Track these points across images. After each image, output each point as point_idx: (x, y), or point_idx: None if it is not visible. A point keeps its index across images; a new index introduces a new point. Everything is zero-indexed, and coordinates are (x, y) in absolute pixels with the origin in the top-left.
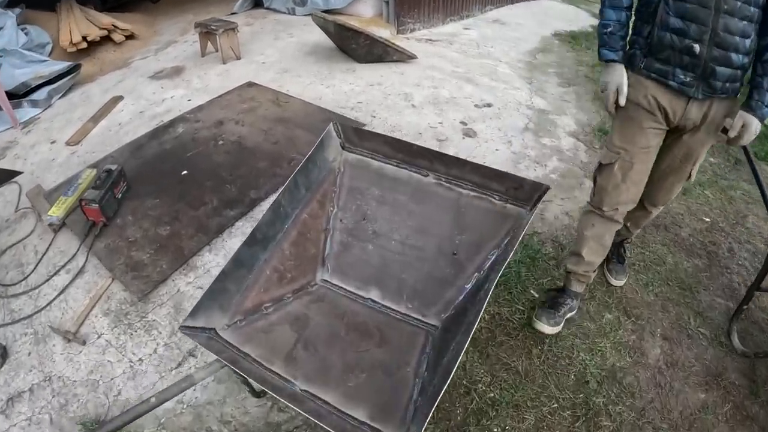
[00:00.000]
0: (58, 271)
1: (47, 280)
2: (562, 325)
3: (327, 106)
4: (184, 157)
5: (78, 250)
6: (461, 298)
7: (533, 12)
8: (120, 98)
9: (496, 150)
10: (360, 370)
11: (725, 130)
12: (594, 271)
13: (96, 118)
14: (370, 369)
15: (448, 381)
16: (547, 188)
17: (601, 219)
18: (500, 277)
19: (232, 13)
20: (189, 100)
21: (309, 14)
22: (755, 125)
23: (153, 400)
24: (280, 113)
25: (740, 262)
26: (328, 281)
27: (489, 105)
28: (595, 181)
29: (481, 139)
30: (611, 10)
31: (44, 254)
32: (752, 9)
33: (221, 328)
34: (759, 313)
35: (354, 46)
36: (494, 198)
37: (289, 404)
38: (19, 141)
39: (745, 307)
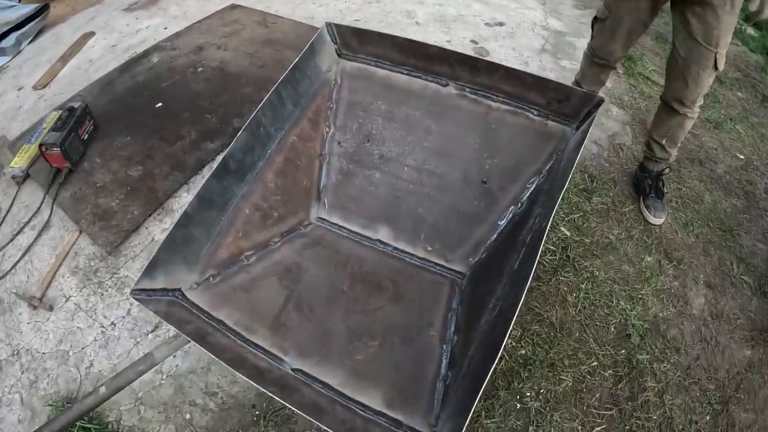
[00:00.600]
0: (23, 228)
1: (11, 240)
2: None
3: (320, 26)
4: (159, 89)
5: (42, 202)
6: (494, 237)
7: None
8: (91, 34)
9: None
10: (370, 336)
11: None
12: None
13: (65, 58)
14: (383, 334)
15: (495, 361)
16: (602, 100)
17: (597, 65)
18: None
19: None
20: (165, 28)
21: None
22: None
23: (103, 390)
24: (268, 35)
25: None
26: (325, 219)
27: (501, 24)
28: (592, 28)
29: (495, 58)
30: None
31: (8, 211)
32: None
33: (188, 287)
34: None
35: None
36: (533, 112)
37: (276, 397)
38: None
39: None
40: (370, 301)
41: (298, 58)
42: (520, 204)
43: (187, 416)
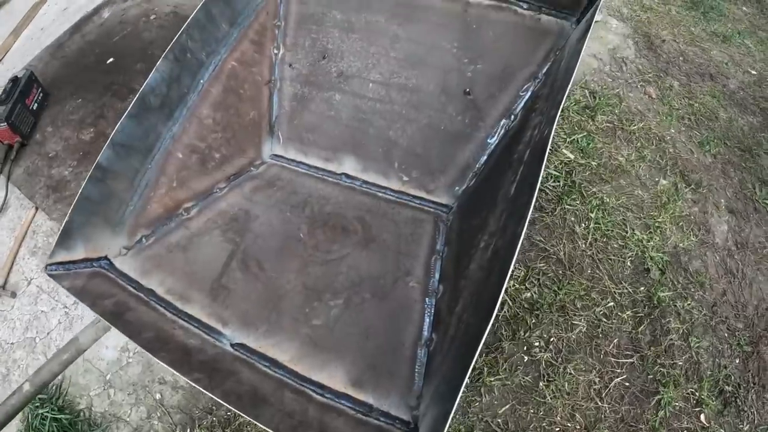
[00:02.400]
0: None
1: None
2: None
3: None
4: (110, 44)
5: None
6: (484, 159)
7: None
8: (43, 2)
9: None
10: (332, 293)
11: None
12: None
13: (17, 31)
14: (349, 289)
15: (492, 318)
16: None
17: None
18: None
19: None
20: None
21: None
22: None
23: (27, 387)
24: None
25: None
26: (280, 156)
27: None
28: None
29: None
30: None
31: None
32: None
33: (117, 254)
34: None
35: None
36: (521, 6)
37: (198, 387)
38: None
39: None
40: (333, 248)
41: None
42: (513, 116)
43: (158, 396)
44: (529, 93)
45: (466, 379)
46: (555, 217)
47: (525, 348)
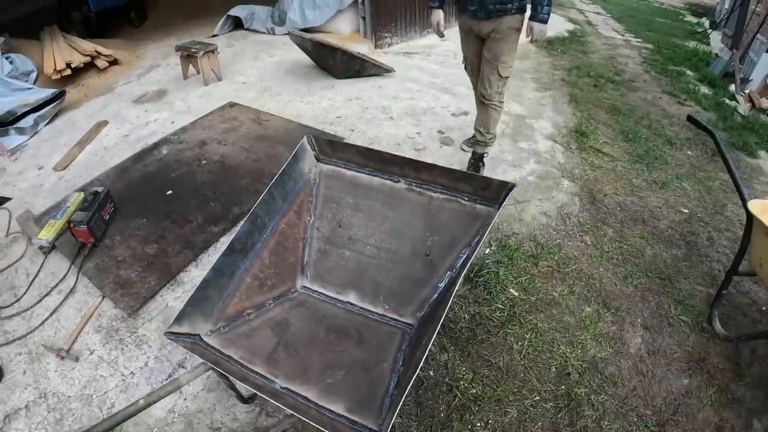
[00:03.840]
0: (50, 292)
1: (39, 301)
2: None
3: (307, 123)
4: (169, 178)
5: (68, 270)
6: (435, 296)
7: None
8: (105, 123)
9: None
10: (338, 368)
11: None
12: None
13: (82, 144)
14: (349, 367)
15: (417, 369)
16: (513, 186)
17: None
18: (480, 278)
19: (214, 35)
20: (172, 122)
21: (288, 33)
22: (536, 27)
23: (141, 402)
24: (261, 131)
25: (720, 250)
26: (307, 287)
27: (466, 113)
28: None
29: (458, 146)
30: None
31: (35, 276)
32: None
33: (205, 333)
34: (741, 298)
35: (332, 62)
36: (463, 199)
37: (269, 399)
38: (7, 168)
39: (724, 292)
40: (340, 344)
41: (285, 165)
42: (454, 269)
43: None
44: (465, 255)
45: (402, 399)
46: (498, 338)
47: (469, 427)
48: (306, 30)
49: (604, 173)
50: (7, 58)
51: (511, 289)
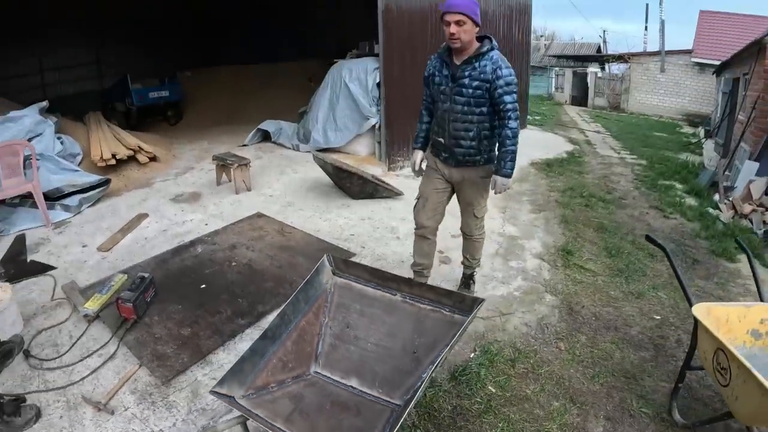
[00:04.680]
0: (92, 354)
1: (81, 360)
2: None
3: (324, 238)
4: (203, 274)
5: (110, 339)
6: (419, 384)
7: None
8: (145, 215)
9: None
10: (340, 430)
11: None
12: (426, 271)
13: (124, 231)
14: (349, 428)
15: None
16: (483, 301)
17: (417, 236)
18: (464, 377)
19: (244, 145)
20: (206, 224)
21: (311, 151)
22: (499, 180)
23: None
24: (284, 242)
25: (686, 350)
26: (319, 372)
27: None
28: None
29: (455, 265)
30: (418, 123)
31: (78, 339)
32: (469, 117)
33: (239, 397)
34: (703, 391)
35: (348, 184)
36: (445, 310)
37: None
38: (52, 240)
39: (680, 384)
40: (342, 415)
41: (309, 276)
42: (435, 364)
43: None
44: (443, 352)
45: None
46: (475, 426)
47: None
48: (327, 149)
49: (584, 287)
50: (58, 138)
51: (489, 386)
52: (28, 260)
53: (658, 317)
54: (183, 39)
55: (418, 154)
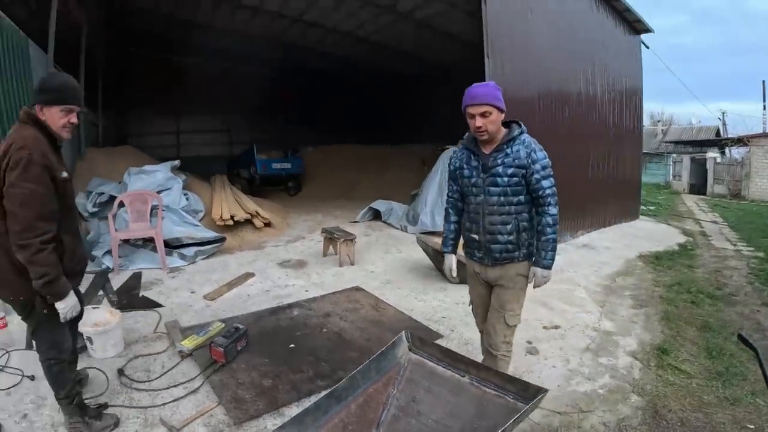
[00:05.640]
0: (177, 385)
1: (167, 388)
2: None
3: (416, 317)
4: (294, 335)
5: (197, 375)
6: None
7: (623, 233)
8: (252, 275)
9: (553, 367)
10: None
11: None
12: None
13: (231, 285)
14: None
15: None
16: (546, 391)
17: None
18: None
19: (355, 221)
20: (306, 290)
21: (415, 235)
22: (539, 272)
23: None
24: (377, 317)
25: None
26: None
27: (557, 327)
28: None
29: (542, 356)
30: (446, 223)
31: (169, 370)
32: (506, 207)
33: None
34: None
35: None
36: (509, 396)
37: None
38: (164, 282)
39: None
40: None
41: (385, 347)
42: None
43: None
44: None
45: None
46: None
47: None
48: (434, 233)
49: (675, 390)
50: (185, 194)
51: None
52: (140, 295)
53: (752, 426)
54: (309, 117)
55: (452, 260)
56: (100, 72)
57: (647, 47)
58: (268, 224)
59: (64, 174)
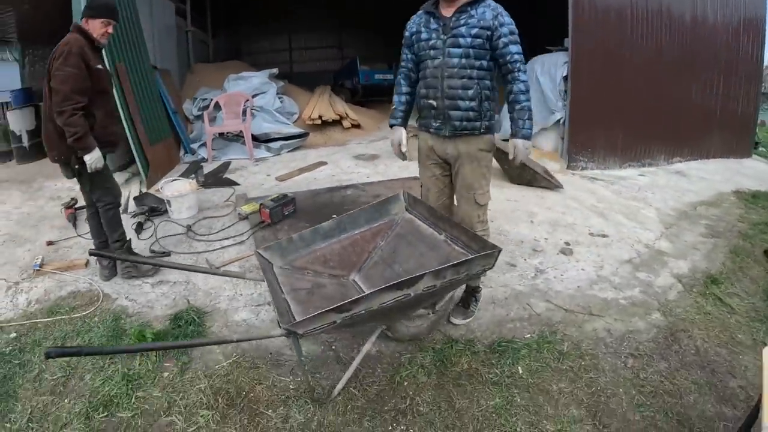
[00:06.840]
0: (229, 238)
1: (219, 240)
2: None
3: None
4: (341, 209)
5: (246, 231)
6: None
7: (726, 168)
8: (324, 163)
9: (582, 270)
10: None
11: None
12: None
13: (302, 170)
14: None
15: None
16: (499, 249)
17: None
18: (500, 347)
19: None
20: (368, 177)
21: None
22: (520, 143)
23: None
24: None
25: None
26: (356, 282)
27: (604, 236)
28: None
29: (574, 258)
30: (396, 95)
31: (226, 227)
32: (468, 71)
33: (276, 265)
34: None
35: (506, 167)
36: (471, 253)
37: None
38: (248, 168)
39: None
40: None
41: (377, 201)
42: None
43: None
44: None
45: None
46: (474, 389)
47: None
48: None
49: (708, 320)
50: (279, 98)
51: (518, 366)
52: (224, 177)
53: None
54: None
55: (401, 132)
56: None
57: None
58: (357, 126)
59: (99, 66)
